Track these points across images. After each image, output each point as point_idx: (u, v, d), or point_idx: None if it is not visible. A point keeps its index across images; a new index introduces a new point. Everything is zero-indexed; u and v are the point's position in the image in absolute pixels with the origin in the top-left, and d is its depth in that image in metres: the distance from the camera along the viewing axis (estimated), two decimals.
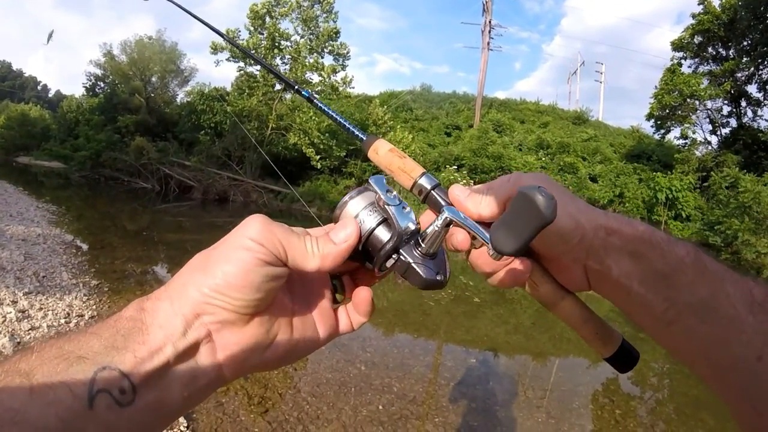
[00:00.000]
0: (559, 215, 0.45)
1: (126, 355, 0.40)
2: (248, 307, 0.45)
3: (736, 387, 0.50)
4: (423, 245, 0.53)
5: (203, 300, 0.44)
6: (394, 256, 0.53)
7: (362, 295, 0.57)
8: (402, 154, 0.65)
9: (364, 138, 0.68)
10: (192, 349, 0.44)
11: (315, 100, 0.79)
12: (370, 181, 0.57)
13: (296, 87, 0.84)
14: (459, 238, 0.56)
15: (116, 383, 0.39)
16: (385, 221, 0.54)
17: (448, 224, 0.53)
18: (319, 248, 0.49)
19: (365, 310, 0.57)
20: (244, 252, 0.45)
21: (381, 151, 0.66)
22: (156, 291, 0.47)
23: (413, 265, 0.52)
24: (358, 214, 0.54)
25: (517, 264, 0.57)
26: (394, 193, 0.56)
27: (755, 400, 0.48)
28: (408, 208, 0.55)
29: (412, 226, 0.54)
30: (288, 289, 0.53)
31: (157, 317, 0.44)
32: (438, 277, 0.53)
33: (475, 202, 0.57)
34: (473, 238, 0.58)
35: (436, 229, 0.53)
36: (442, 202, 0.58)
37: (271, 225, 0.47)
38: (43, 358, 0.38)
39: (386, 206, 0.54)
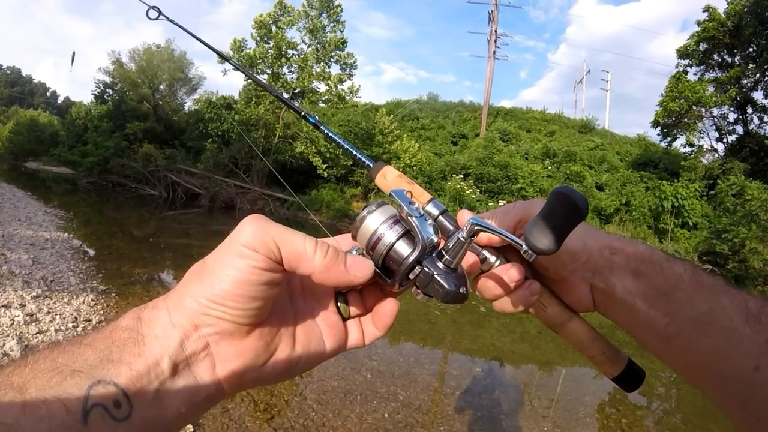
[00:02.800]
0: (568, 236, 0.49)
1: (121, 368, 0.39)
2: (246, 317, 0.44)
3: (736, 397, 0.51)
4: (446, 257, 0.51)
5: (201, 311, 0.43)
6: (417, 268, 0.51)
7: (389, 306, 0.55)
8: (409, 180, 0.66)
9: (372, 165, 0.70)
10: (190, 362, 0.43)
11: (322, 127, 0.79)
12: (392, 193, 0.57)
13: (303, 113, 0.84)
14: (468, 260, 0.58)
15: (111, 397, 0.37)
16: (405, 235, 0.52)
17: (473, 233, 0.52)
18: (326, 257, 0.46)
19: (386, 323, 0.55)
20: (238, 260, 0.43)
21: (389, 177, 0.68)
22: (154, 300, 0.45)
23: (437, 276, 0.50)
24: (377, 228, 0.52)
25: (526, 285, 0.58)
26: (416, 205, 0.54)
27: (755, 408, 0.50)
28: (430, 221, 0.54)
29: (435, 239, 0.52)
30: (291, 300, 0.52)
31: (154, 328, 0.42)
32: (461, 290, 0.51)
33: None
34: (482, 261, 0.60)
35: (461, 239, 0.51)
36: (451, 227, 0.60)
37: (265, 226, 0.44)
38: (37, 371, 0.37)
39: (409, 217, 0.52)
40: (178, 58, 29.70)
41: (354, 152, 0.74)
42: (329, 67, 23.52)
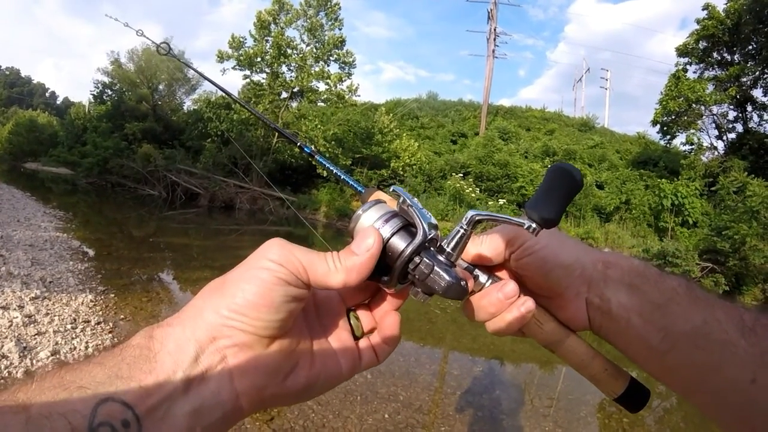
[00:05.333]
0: (559, 252, 0.52)
1: (130, 385, 0.38)
2: (268, 329, 0.43)
3: (733, 410, 0.51)
4: (447, 249, 0.51)
5: (221, 322, 0.42)
6: (416, 258, 0.50)
7: (390, 319, 0.55)
8: None
9: (363, 190, 0.71)
10: (205, 377, 0.41)
11: (317, 156, 0.81)
12: (394, 189, 0.57)
13: (299, 144, 0.86)
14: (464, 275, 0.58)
15: (119, 416, 0.36)
16: (402, 229, 0.52)
17: (474, 223, 0.51)
18: (342, 262, 0.47)
19: (392, 337, 0.55)
20: (263, 272, 0.43)
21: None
22: (167, 319, 0.44)
23: (437, 268, 0.49)
24: (373, 224, 0.52)
25: (521, 302, 0.57)
26: (416, 199, 0.54)
27: (752, 421, 0.49)
28: (429, 214, 0.53)
29: (435, 232, 0.52)
30: (306, 323, 0.51)
31: (167, 344, 0.41)
32: (462, 283, 0.50)
33: (476, 243, 0.60)
34: (475, 279, 0.60)
35: (462, 230, 0.51)
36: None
37: (290, 246, 0.46)
38: (43, 388, 0.36)
39: (409, 208, 0.52)
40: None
41: (346, 179, 0.75)
42: (328, 66, 23.51)
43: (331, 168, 0.77)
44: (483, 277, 0.60)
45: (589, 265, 0.59)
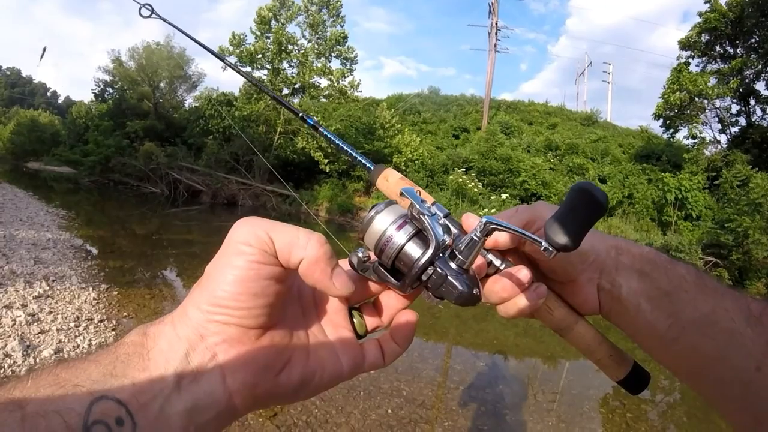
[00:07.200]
0: None
1: (124, 383, 0.37)
2: (252, 317, 0.42)
3: (737, 399, 0.51)
4: (459, 257, 0.50)
5: (204, 318, 0.41)
6: (429, 269, 0.50)
7: (406, 317, 0.53)
8: (412, 183, 0.65)
9: (372, 167, 0.69)
10: (197, 376, 0.40)
11: (320, 128, 0.78)
12: (403, 191, 0.56)
13: (300, 114, 0.83)
14: (477, 262, 0.56)
15: (113, 414, 0.35)
16: (416, 236, 0.51)
17: (488, 232, 0.50)
18: (321, 250, 0.43)
19: (406, 338, 0.53)
20: (235, 258, 0.41)
21: (391, 180, 0.67)
22: (162, 317, 0.44)
23: (450, 278, 0.49)
24: (386, 229, 0.51)
25: (533, 288, 0.57)
26: (428, 203, 0.53)
27: (756, 409, 0.50)
28: (442, 220, 0.53)
29: (447, 239, 0.51)
30: (303, 318, 0.50)
31: (159, 342, 0.41)
32: (475, 291, 0.50)
33: None
34: (489, 264, 0.59)
35: (475, 238, 0.50)
36: (455, 230, 0.58)
37: (257, 221, 0.43)
38: (38, 386, 0.36)
39: (422, 216, 0.51)
40: (177, 56, 29.67)
41: (354, 154, 0.72)
42: (330, 62, 23.47)
43: (338, 142, 0.74)
44: (497, 261, 0.59)
45: (602, 252, 0.59)
